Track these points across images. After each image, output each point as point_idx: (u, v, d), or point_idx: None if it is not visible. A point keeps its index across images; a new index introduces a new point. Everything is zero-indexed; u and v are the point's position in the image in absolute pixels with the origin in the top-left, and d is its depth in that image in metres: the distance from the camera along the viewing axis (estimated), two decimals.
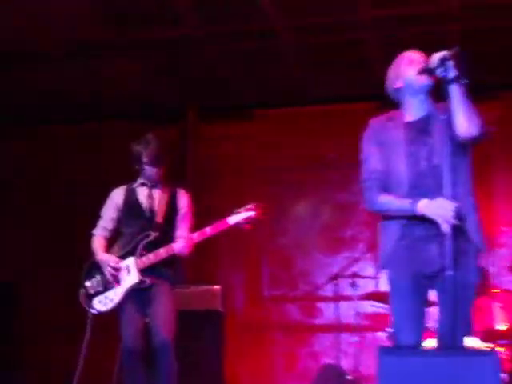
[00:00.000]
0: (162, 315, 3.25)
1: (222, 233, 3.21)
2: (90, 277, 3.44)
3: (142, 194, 3.44)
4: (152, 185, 3.43)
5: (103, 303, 3.34)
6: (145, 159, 3.36)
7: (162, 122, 5.48)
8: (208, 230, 3.25)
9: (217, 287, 4.60)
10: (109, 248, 3.50)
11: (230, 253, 5.61)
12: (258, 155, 5.69)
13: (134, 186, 3.48)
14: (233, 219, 3.20)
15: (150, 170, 3.39)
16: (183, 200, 3.49)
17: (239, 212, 3.21)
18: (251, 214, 3.19)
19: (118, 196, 3.49)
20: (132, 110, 5.57)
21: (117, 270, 3.28)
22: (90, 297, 3.40)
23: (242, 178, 5.70)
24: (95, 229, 3.53)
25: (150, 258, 3.29)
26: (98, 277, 3.41)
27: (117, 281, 3.31)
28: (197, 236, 3.27)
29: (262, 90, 5.27)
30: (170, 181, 3.52)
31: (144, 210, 3.39)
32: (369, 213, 2.57)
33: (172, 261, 3.37)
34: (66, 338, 4.80)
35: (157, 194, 3.44)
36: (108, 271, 3.34)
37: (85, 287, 3.42)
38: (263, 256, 5.62)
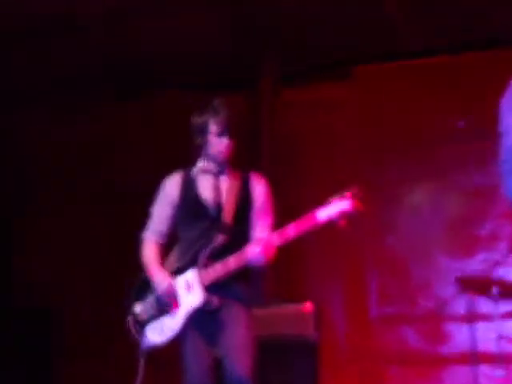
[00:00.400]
0: (237, 346, 3.23)
1: (311, 232, 3.17)
2: (140, 299, 3.43)
3: (205, 184, 3.41)
4: (218, 170, 3.39)
5: (159, 332, 3.32)
6: (212, 128, 3.34)
7: (229, 90, 5.53)
8: (291, 230, 3.19)
9: (308, 306, 4.61)
10: (164, 259, 3.50)
11: (323, 259, 5.60)
12: (356, 128, 5.66)
13: (193, 173, 3.44)
14: (323, 213, 3.13)
15: (218, 144, 3.35)
16: (259, 189, 3.45)
17: (331, 203, 3.14)
18: (347, 205, 3.11)
19: (172, 187, 3.45)
20: (190, 75, 5.77)
21: (173, 294, 3.28)
22: (142, 324, 3.39)
23: (334, 158, 5.68)
24: (145, 231, 3.50)
25: (217, 269, 3.24)
26: (151, 298, 3.39)
27: (175, 303, 3.29)
28: (277, 238, 3.21)
29: (360, 41, 5.37)
30: (239, 165, 3.51)
31: (208, 206, 3.35)
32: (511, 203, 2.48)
33: (246, 273, 3.33)
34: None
35: (224, 182, 3.40)
36: (163, 295, 3.32)
37: (135, 313, 3.41)
38: (368, 262, 5.61)
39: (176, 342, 3.33)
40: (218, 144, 3.36)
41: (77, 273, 5.95)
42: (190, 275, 3.28)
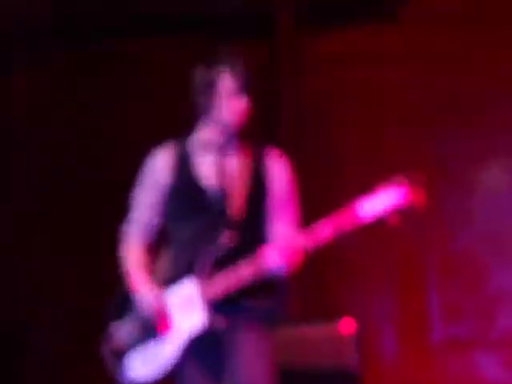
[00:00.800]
0: (252, 380, 3.24)
1: (351, 232, 3.18)
2: (119, 319, 3.44)
3: (205, 162, 3.41)
4: (224, 143, 3.40)
5: (145, 364, 3.34)
6: (225, 84, 3.35)
7: (237, 39, 5.57)
8: (323, 229, 3.18)
9: (347, 326, 4.62)
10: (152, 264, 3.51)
11: (367, 265, 5.61)
12: (407, 89, 5.66)
13: (189, 147, 3.44)
14: (367, 207, 3.13)
15: (231, 106, 3.37)
16: (278, 170, 3.46)
17: (379, 193, 3.14)
18: (402, 196, 3.12)
19: (161, 166, 3.46)
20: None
21: (163, 313, 3.32)
22: (121, 353, 3.39)
23: (378, 129, 5.65)
24: (126, 224, 3.52)
25: (224, 280, 3.26)
26: (134, 318, 3.40)
27: (165, 325, 3.31)
28: (304, 239, 3.22)
29: None
30: (251, 138, 3.49)
31: (210, 194, 3.36)
32: None
33: (264, 284, 3.32)
34: None
35: (231, 161, 3.41)
36: (149, 314, 3.34)
37: (112, 339, 3.42)
38: (429, 268, 5.59)
39: (167, 378, 3.36)
40: (231, 106, 3.36)
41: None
42: (188, 288, 3.30)
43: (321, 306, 5.38)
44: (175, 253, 3.42)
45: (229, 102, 3.36)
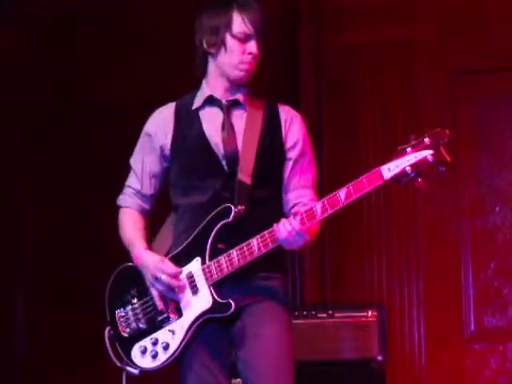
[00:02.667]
0: (268, 366, 3.19)
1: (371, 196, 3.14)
2: (121, 301, 3.39)
3: (212, 120, 3.34)
4: (232, 99, 3.32)
5: (151, 353, 3.29)
6: (235, 26, 3.26)
7: None
8: (343, 194, 3.08)
9: (370, 317, 4.67)
10: (150, 236, 3.47)
11: (392, 248, 5.50)
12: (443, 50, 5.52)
13: (195, 105, 3.37)
14: (392, 168, 3.04)
15: (240, 52, 3.27)
16: (293, 129, 3.39)
17: (403, 153, 3.04)
18: (428, 154, 3.02)
19: (161, 128, 3.41)
20: None
21: (176, 289, 3.25)
22: (126, 342, 3.35)
23: (410, 91, 5.56)
24: (122, 195, 3.48)
25: (234, 258, 3.19)
26: (137, 301, 3.35)
27: (174, 308, 3.27)
28: (322, 208, 3.11)
29: None
30: (263, 94, 3.41)
31: (217, 154, 3.29)
32: None
33: (280, 259, 3.30)
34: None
35: (240, 118, 3.35)
36: (165, 282, 3.24)
37: (114, 323, 3.39)
38: (463, 251, 5.45)
39: (173, 365, 3.33)
40: (240, 51, 3.28)
41: None
42: (195, 267, 3.26)
43: (341, 293, 5.33)
44: (179, 225, 3.37)
45: (236, 48, 3.28)
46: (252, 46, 3.26)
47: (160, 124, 3.39)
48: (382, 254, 5.54)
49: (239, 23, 3.25)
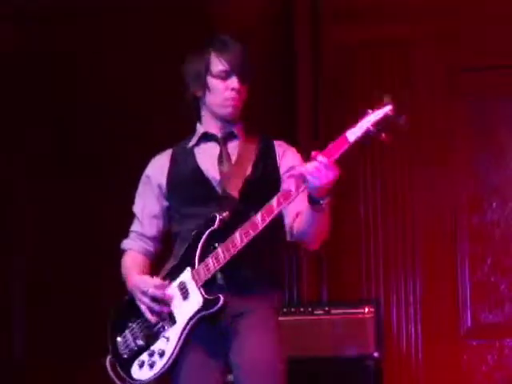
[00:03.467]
0: (258, 367, 3.21)
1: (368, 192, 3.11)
2: (120, 328, 3.43)
3: (207, 153, 3.43)
4: (226, 133, 3.41)
5: (148, 365, 3.32)
6: (214, 67, 3.35)
7: None
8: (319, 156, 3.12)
9: (366, 313, 4.64)
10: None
11: (388, 243, 5.47)
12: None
13: (190, 144, 3.47)
14: (356, 131, 3.14)
15: (223, 90, 3.35)
16: (288, 157, 3.45)
17: (365, 115, 3.13)
18: (387, 109, 3.12)
19: (157, 170, 3.49)
20: None
21: (163, 299, 3.29)
22: (126, 363, 3.37)
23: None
24: (125, 239, 3.54)
25: (219, 254, 3.23)
26: (134, 324, 3.39)
27: (165, 317, 3.29)
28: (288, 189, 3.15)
29: None
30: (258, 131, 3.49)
31: (212, 183, 3.36)
32: None
33: (269, 251, 3.33)
34: None
35: (235, 149, 3.43)
36: (145, 302, 3.29)
37: (115, 350, 3.41)
38: (460, 247, 5.42)
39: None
40: (223, 90, 3.36)
41: None
42: (185, 275, 3.31)
43: (337, 289, 5.30)
44: (177, 246, 3.41)
45: (218, 86, 3.36)
46: (233, 81, 3.32)
47: (157, 166, 3.45)
48: (378, 251, 5.53)
49: (216, 63, 3.32)
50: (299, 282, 5.32)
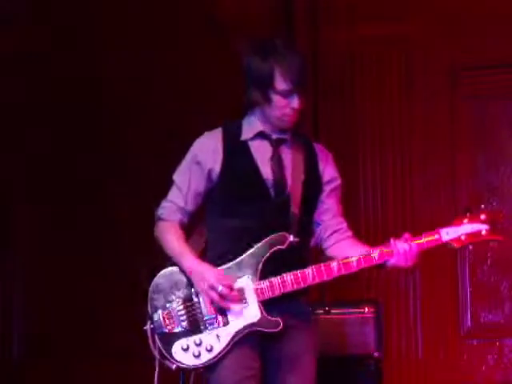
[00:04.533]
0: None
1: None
2: (165, 299, 3.41)
3: (262, 153, 3.43)
4: (279, 136, 3.44)
5: (193, 352, 3.31)
6: (279, 83, 3.33)
7: None
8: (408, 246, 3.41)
9: (367, 313, 4.64)
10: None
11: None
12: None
13: (243, 136, 3.45)
14: (450, 232, 3.36)
15: (284, 107, 3.37)
16: (330, 165, 3.55)
17: (460, 222, 3.36)
18: (483, 228, 3.35)
19: (210, 151, 3.45)
20: None
21: (229, 299, 3.32)
22: (167, 337, 3.37)
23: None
24: (163, 208, 3.50)
25: (287, 281, 3.31)
26: (182, 302, 3.38)
27: (222, 315, 3.31)
28: (380, 255, 3.39)
29: None
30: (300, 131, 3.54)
31: (266, 184, 3.39)
32: None
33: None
34: None
35: (286, 154, 3.46)
36: (211, 295, 3.29)
37: (155, 319, 3.39)
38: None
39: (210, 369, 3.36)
40: (283, 107, 3.38)
41: None
42: (246, 283, 3.33)
43: (338, 290, 5.11)
44: (224, 243, 3.41)
45: (280, 103, 3.35)
46: (295, 101, 3.33)
47: (209, 151, 3.42)
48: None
49: (281, 81, 3.30)
50: None
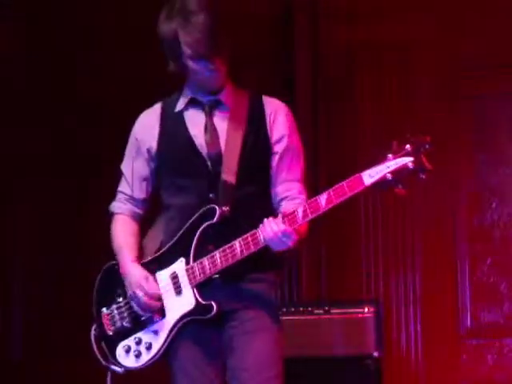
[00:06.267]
0: (256, 369, 3.16)
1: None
2: (107, 299, 3.39)
3: (196, 121, 3.32)
4: (212, 100, 3.29)
5: (134, 352, 3.30)
6: (184, 48, 3.17)
7: None
8: (328, 199, 3.05)
9: (366, 313, 4.65)
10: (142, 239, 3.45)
11: (388, 243, 5.49)
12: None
13: (178, 107, 3.35)
14: (373, 174, 3.05)
15: (198, 71, 3.21)
16: (279, 122, 3.33)
17: (384, 159, 3.04)
18: (408, 161, 3.01)
19: (147, 129, 3.39)
20: None
21: (153, 308, 3.28)
22: (111, 340, 3.34)
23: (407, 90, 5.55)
24: (114, 201, 3.46)
25: (216, 259, 3.18)
26: (122, 300, 3.35)
27: (157, 311, 3.27)
28: (303, 212, 3.08)
29: None
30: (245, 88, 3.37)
31: (203, 156, 3.28)
32: None
33: (269, 259, 3.21)
34: None
35: (222, 119, 3.31)
36: (142, 301, 3.27)
37: (100, 321, 3.38)
38: (459, 247, 5.43)
39: (161, 363, 3.32)
40: (201, 71, 3.23)
41: None
42: (179, 267, 3.25)
43: (336, 288, 5.30)
44: (166, 225, 3.35)
45: (197, 68, 3.19)
46: (206, 64, 3.16)
47: (146, 127, 3.37)
48: (378, 250, 5.53)
49: (185, 47, 3.16)
50: (299, 281, 5.29)
